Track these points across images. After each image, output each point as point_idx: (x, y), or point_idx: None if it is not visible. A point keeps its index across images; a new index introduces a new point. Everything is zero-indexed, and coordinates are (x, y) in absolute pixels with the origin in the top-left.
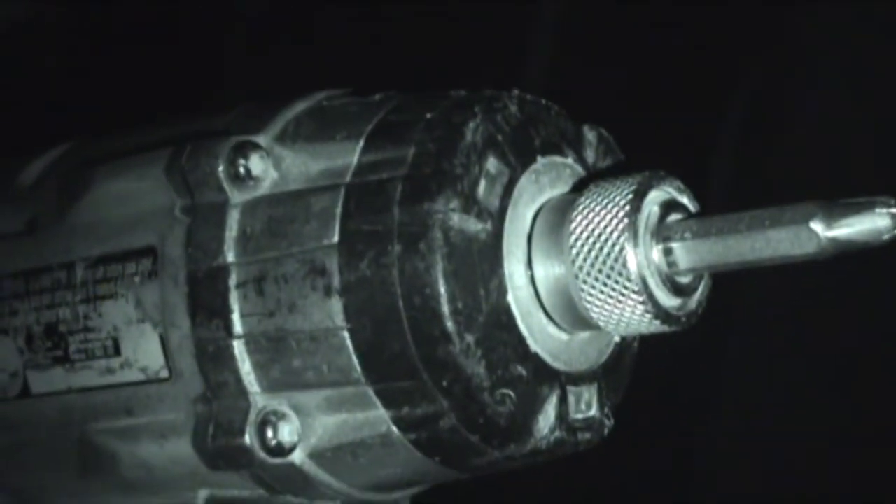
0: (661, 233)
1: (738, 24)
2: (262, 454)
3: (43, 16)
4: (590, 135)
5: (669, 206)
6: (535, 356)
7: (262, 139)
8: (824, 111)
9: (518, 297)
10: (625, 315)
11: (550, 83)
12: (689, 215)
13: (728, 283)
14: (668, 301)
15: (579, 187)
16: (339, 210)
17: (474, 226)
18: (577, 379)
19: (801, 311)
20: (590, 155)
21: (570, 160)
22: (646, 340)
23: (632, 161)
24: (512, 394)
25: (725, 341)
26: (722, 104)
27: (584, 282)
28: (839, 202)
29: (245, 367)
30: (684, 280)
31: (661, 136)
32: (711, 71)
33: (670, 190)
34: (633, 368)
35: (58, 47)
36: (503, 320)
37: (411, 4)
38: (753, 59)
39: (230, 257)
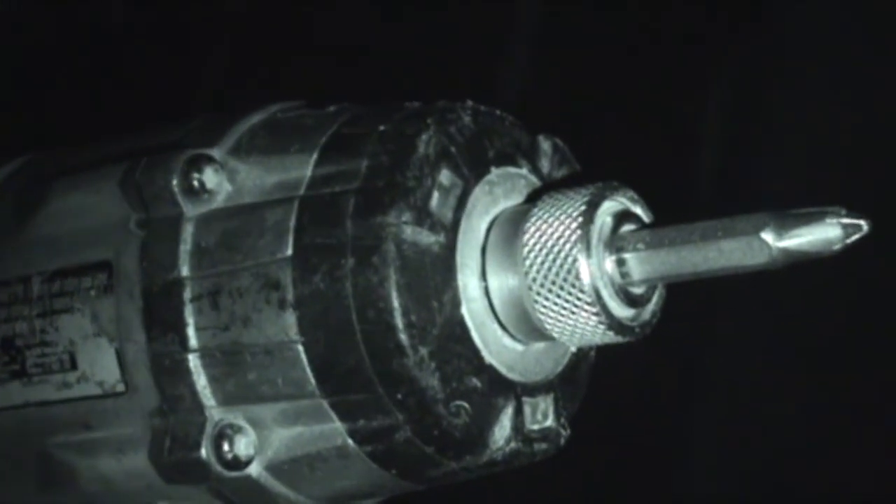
0: (615, 244)
1: (718, 16)
2: (218, 467)
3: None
4: (545, 145)
5: (623, 216)
6: (490, 368)
7: (216, 152)
8: (805, 102)
9: (472, 308)
10: (578, 326)
11: (529, 81)
12: (643, 226)
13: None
14: (622, 312)
15: (533, 198)
16: (292, 223)
17: (427, 238)
18: (533, 390)
19: (785, 306)
20: (545, 165)
21: (524, 171)
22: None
23: (615, 158)
24: (467, 406)
25: (711, 337)
26: (703, 97)
27: (538, 293)
28: (790, 213)
29: (201, 380)
30: (638, 291)
31: (642, 131)
32: (692, 63)
33: (624, 200)
34: (590, 378)
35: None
36: (457, 332)
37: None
38: (734, 51)
39: (185, 271)
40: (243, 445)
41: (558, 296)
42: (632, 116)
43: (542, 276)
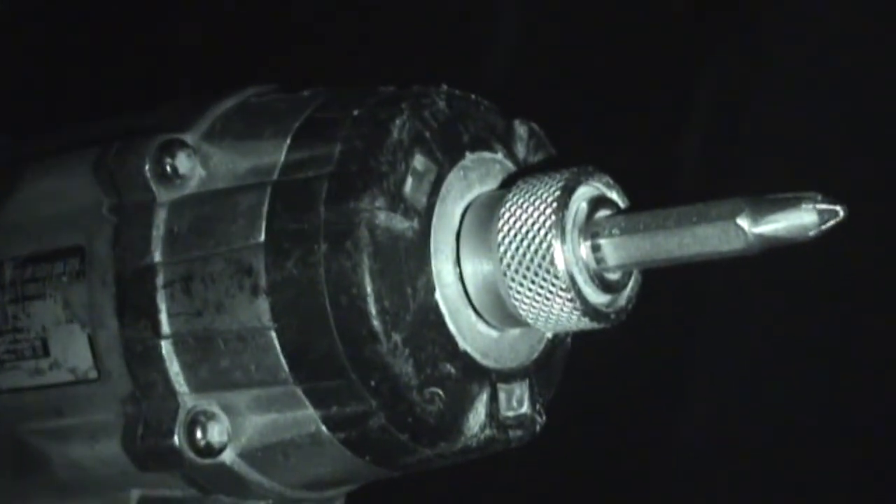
0: (589, 229)
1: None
2: (191, 454)
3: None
4: (520, 129)
5: (598, 202)
6: (465, 354)
7: (189, 137)
8: (790, 96)
9: (446, 294)
10: (553, 312)
11: (515, 68)
12: (618, 211)
13: (698, 269)
14: (597, 298)
15: (508, 183)
16: (265, 209)
17: (401, 224)
18: (508, 376)
19: (773, 298)
20: (520, 150)
21: (499, 156)
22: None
23: (598, 145)
24: (441, 392)
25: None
26: (689, 86)
27: (513, 279)
28: (766, 198)
29: (173, 367)
30: (613, 277)
31: (628, 119)
32: (678, 53)
33: (599, 186)
34: (566, 364)
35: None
36: (431, 318)
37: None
38: (720, 41)
39: (157, 257)
40: (216, 432)
41: (533, 282)
42: (616, 103)
43: (516, 262)
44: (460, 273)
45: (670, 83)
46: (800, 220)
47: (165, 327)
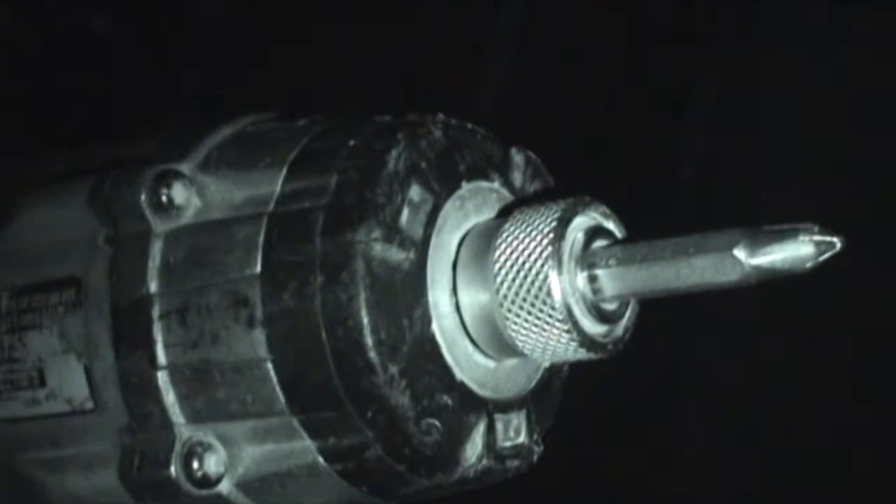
0: (586, 260)
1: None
2: (188, 486)
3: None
4: (517, 158)
5: (594, 232)
6: (462, 385)
7: (185, 167)
8: (788, 106)
9: (443, 325)
10: (550, 343)
11: (511, 83)
12: (615, 241)
13: None
14: (594, 328)
15: (505, 213)
16: (261, 239)
17: (397, 255)
18: (506, 406)
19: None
20: (517, 178)
21: (496, 185)
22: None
23: (596, 158)
24: (438, 423)
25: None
26: (686, 100)
27: (509, 310)
28: (763, 230)
29: (170, 398)
30: (610, 307)
31: (625, 131)
32: (674, 62)
33: (596, 216)
34: (564, 393)
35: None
36: (428, 350)
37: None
38: (717, 49)
39: (153, 287)
40: (213, 463)
41: (529, 312)
42: (611, 124)
43: (513, 293)
44: (457, 303)
45: (666, 99)
46: (797, 251)
47: (161, 358)
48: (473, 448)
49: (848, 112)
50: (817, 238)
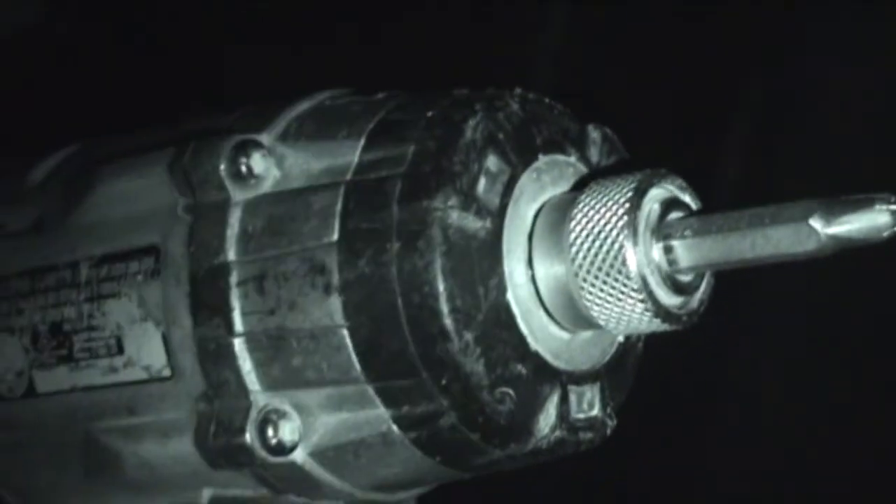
0: (662, 231)
1: (746, 27)
2: (262, 453)
3: (52, 22)
4: (594, 134)
5: (670, 204)
6: (536, 355)
7: (264, 138)
8: (834, 107)
9: (518, 295)
10: (625, 313)
11: (558, 83)
12: (690, 213)
13: (732, 282)
14: (669, 299)
15: (581, 186)
16: (338, 208)
17: (473, 223)
18: (579, 378)
19: (807, 310)
20: (593, 154)
21: (572, 159)
22: (650, 341)
23: (640, 159)
24: (512, 392)
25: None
26: (730, 106)
27: (585, 280)
28: (839, 199)
29: (246, 365)
30: (685, 278)
31: (669, 134)
32: (719, 72)
33: (671, 188)
34: (638, 368)
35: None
36: (503, 318)
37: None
38: (761, 61)
39: (231, 255)
40: (288, 431)
41: (605, 283)
42: (659, 118)
43: (588, 264)
44: (532, 274)
45: (713, 98)
46: (873, 220)
47: (238, 325)
48: (547, 419)
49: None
50: (894, 207)
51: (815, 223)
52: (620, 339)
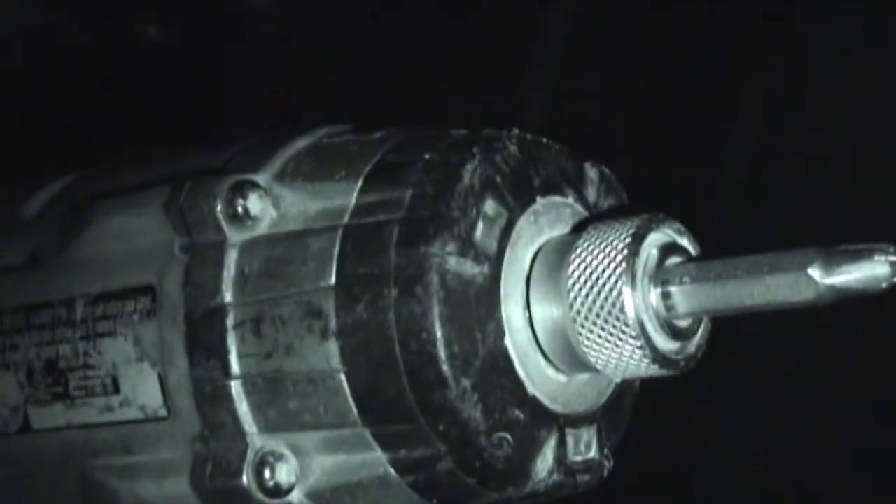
0: (660, 276)
1: (743, 37)
2: (259, 495)
3: (52, 24)
4: (591, 173)
5: (668, 249)
6: (533, 399)
7: (260, 178)
8: (834, 116)
9: (516, 339)
10: (623, 358)
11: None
12: (689, 258)
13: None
14: (667, 345)
15: (579, 228)
16: (336, 252)
17: (471, 269)
18: (576, 421)
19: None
20: (591, 194)
21: (570, 200)
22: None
23: (640, 167)
24: (509, 437)
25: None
26: (727, 120)
27: (582, 325)
28: (838, 249)
29: (242, 407)
30: (683, 324)
31: (669, 140)
32: (720, 76)
33: (670, 232)
34: (634, 408)
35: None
36: (500, 364)
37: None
38: (759, 73)
39: (228, 297)
40: (285, 473)
41: (602, 328)
42: (655, 139)
43: (586, 308)
44: (530, 318)
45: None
46: (872, 271)
47: (235, 368)
48: (544, 462)
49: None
50: (893, 258)
51: (814, 273)
52: (617, 380)
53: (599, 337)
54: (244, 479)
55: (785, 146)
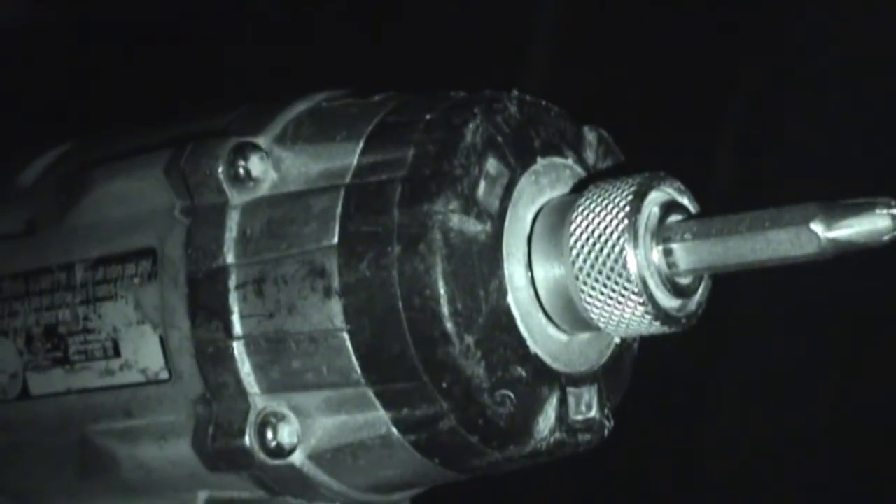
0: (661, 234)
1: (739, 24)
2: (261, 455)
3: (42, 16)
4: (590, 136)
5: (669, 206)
6: (535, 357)
7: (261, 140)
8: (825, 110)
9: (518, 298)
10: (625, 316)
11: (550, 83)
12: (690, 216)
13: (727, 284)
14: (668, 302)
15: (579, 188)
16: (338, 211)
17: (474, 227)
18: (578, 380)
19: (799, 311)
20: (590, 156)
21: (570, 161)
22: (645, 341)
23: (633, 161)
24: (512, 395)
25: (724, 342)
26: (723, 104)
27: (584, 283)
28: (839, 203)
29: (245, 368)
30: (684, 281)
31: (662, 135)
32: (712, 71)
33: (670, 191)
34: (634, 369)
35: (57, 47)
36: (503, 321)
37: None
38: (753, 59)
39: (230, 258)
40: (287, 433)
41: (605, 286)
42: (650, 119)
43: (588, 266)
44: (532, 277)
45: (703, 100)
46: (874, 224)
47: (237, 329)
48: (546, 421)
49: (890, 114)
50: (894, 211)
51: (816, 227)
52: (617, 340)
53: (602, 294)
54: (246, 440)
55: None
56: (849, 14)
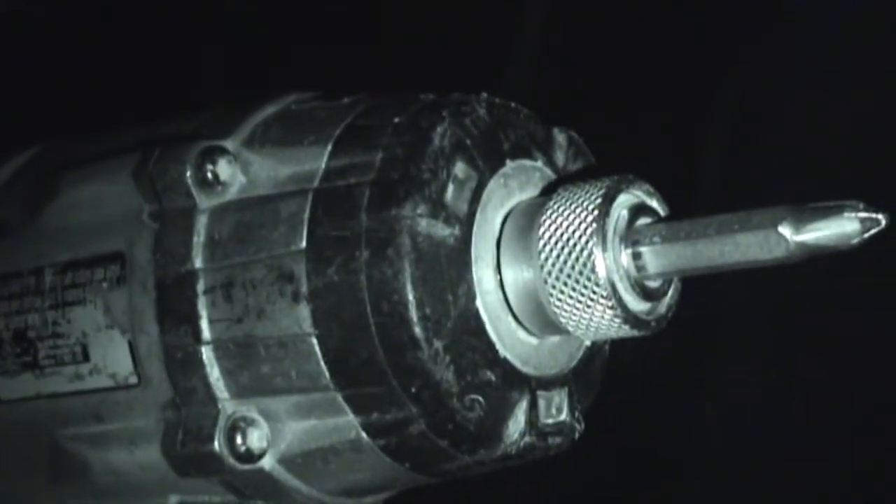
0: (630, 237)
1: (726, 21)
2: (231, 460)
3: (21, 10)
4: (560, 137)
5: (638, 209)
6: (505, 361)
7: (229, 144)
8: (812, 107)
9: (487, 301)
10: (594, 319)
11: (536, 81)
12: (659, 219)
13: (715, 282)
14: (638, 305)
15: (549, 191)
16: (306, 215)
17: (442, 231)
18: (548, 383)
19: (788, 308)
20: (560, 158)
21: (539, 163)
22: (633, 343)
23: (619, 161)
24: (481, 399)
25: (713, 339)
26: (710, 100)
27: (553, 286)
28: (808, 206)
29: (214, 373)
30: (653, 284)
31: (649, 131)
32: (699, 68)
33: (639, 193)
34: (605, 372)
35: (36, 42)
36: (472, 325)
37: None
38: (741, 56)
39: (198, 263)
40: (256, 438)
41: (573, 289)
42: (636, 117)
43: (557, 269)
44: (501, 280)
45: (690, 97)
46: (842, 228)
47: (206, 333)
48: (516, 424)
49: (874, 115)
50: (862, 215)
51: (784, 230)
52: (587, 343)
53: (570, 298)
54: (216, 444)
55: (761, 144)
56: (834, 15)
